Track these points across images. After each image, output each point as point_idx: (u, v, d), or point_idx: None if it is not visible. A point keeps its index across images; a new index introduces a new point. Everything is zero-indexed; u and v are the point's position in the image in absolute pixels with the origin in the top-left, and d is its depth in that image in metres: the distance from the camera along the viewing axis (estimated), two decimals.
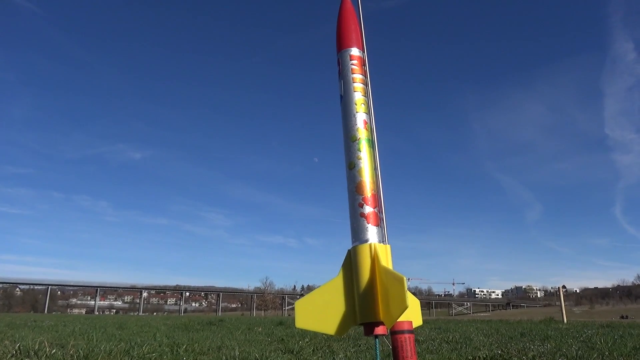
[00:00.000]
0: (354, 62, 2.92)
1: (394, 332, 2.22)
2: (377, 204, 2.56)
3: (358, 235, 2.49)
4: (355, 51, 2.96)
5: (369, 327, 2.33)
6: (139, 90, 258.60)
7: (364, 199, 2.54)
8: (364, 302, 2.32)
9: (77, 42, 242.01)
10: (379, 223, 2.53)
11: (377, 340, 2.40)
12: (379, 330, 2.31)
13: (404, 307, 1.99)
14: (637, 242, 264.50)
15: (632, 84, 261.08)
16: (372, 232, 2.48)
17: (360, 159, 2.65)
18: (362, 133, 2.72)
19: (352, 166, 2.64)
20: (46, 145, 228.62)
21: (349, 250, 2.53)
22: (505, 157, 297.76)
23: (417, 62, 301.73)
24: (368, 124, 2.78)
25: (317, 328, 2.41)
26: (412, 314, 2.35)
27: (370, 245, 2.44)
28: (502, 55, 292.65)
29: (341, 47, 2.99)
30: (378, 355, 2.37)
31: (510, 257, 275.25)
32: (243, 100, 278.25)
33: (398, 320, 2.16)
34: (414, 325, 2.38)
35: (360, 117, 2.78)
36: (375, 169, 2.67)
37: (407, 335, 2.19)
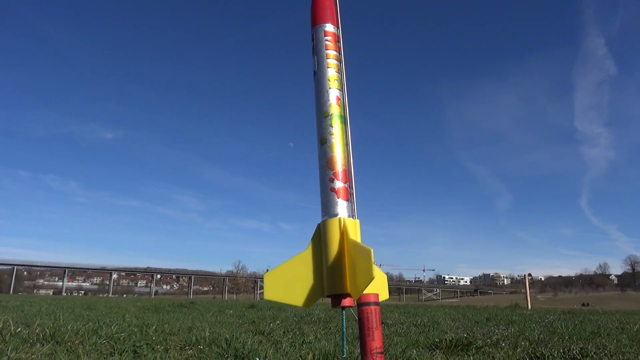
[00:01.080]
0: (328, 37, 2.91)
1: (361, 304, 2.26)
2: (347, 179, 2.59)
3: (328, 210, 2.52)
4: (329, 27, 2.95)
5: (336, 298, 2.37)
6: (112, 68, 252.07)
7: (334, 174, 2.56)
8: (332, 274, 2.36)
9: (47, 17, 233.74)
10: (349, 198, 2.56)
11: (343, 311, 2.44)
12: (346, 302, 2.35)
13: (370, 278, 2.03)
14: (600, 233, 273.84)
15: (602, 78, 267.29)
16: (342, 207, 2.51)
17: (332, 134, 2.66)
18: (334, 109, 2.73)
19: (323, 141, 2.65)
20: (13, 122, 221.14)
21: (318, 224, 2.56)
22: (478, 146, 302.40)
23: (391, 47, 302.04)
24: (341, 100, 2.79)
25: (285, 300, 2.44)
26: (379, 287, 2.40)
27: (339, 219, 2.47)
28: (477, 44, 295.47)
29: (315, 22, 2.98)
30: (344, 326, 2.42)
31: (480, 244, 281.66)
32: (218, 81, 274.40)
33: (364, 292, 2.20)
34: (380, 298, 2.43)
35: (333, 93, 2.78)
36: (346, 145, 2.69)
37: (373, 307, 2.24)
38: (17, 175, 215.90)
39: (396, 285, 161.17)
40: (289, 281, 2.43)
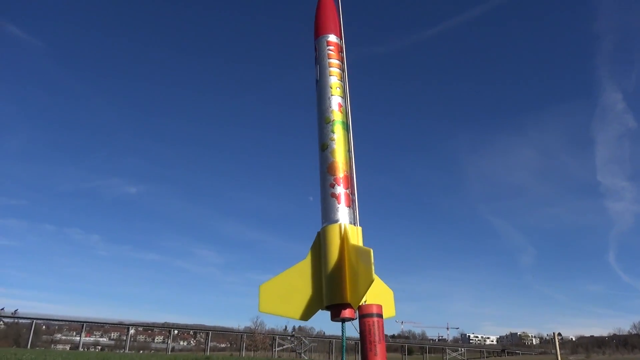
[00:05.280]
0: (331, 47, 2.93)
1: (362, 316, 2.10)
2: (349, 185, 2.50)
3: (328, 216, 2.42)
4: (332, 37, 2.97)
5: (336, 310, 2.21)
6: (136, 126, 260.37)
7: (335, 180, 2.48)
8: (331, 283, 2.23)
9: (75, 77, 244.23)
10: (350, 204, 2.46)
11: (343, 325, 2.27)
12: (346, 313, 2.19)
13: (370, 281, 1.90)
14: (631, 290, 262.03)
15: (622, 132, 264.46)
16: (343, 213, 2.41)
17: (333, 140, 2.61)
18: (336, 115, 2.69)
19: (324, 147, 2.60)
20: (40, 177, 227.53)
21: (318, 232, 2.45)
22: (498, 200, 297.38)
23: (409, 104, 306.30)
24: (343, 107, 2.76)
25: (281, 312, 2.30)
26: (383, 300, 2.24)
27: (340, 225, 2.36)
28: (494, 99, 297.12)
29: (318, 33, 3.01)
30: (344, 340, 2.24)
31: (505, 302, 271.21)
32: (237, 138, 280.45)
33: (367, 303, 2.05)
34: (386, 315, 2.26)
35: (335, 100, 2.76)
36: (348, 151, 2.63)
37: (375, 319, 2.07)
38: (42, 229, 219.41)
39: (419, 344, 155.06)
40: (285, 293, 2.30)
